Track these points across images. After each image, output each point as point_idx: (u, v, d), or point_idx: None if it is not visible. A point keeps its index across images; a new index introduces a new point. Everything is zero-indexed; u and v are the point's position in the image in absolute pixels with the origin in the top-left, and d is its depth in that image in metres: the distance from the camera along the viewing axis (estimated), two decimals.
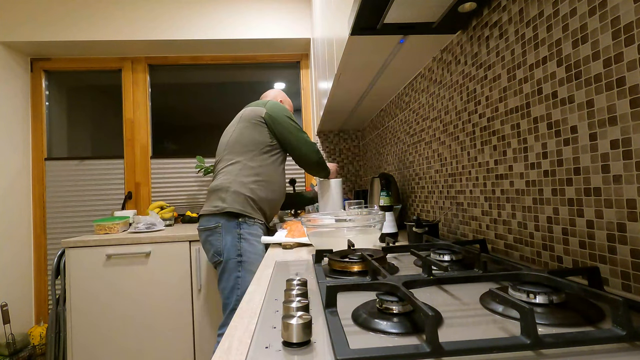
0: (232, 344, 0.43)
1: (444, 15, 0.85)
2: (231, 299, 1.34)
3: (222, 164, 1.48)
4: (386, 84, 1.43)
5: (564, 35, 0.62)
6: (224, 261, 1.35)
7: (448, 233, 1.11)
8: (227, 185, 1.40)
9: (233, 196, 1.38)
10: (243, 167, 1.43)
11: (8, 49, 2.27)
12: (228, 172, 1.44)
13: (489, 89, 0.85)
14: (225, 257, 1.35)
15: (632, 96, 0.50)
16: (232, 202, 1.37)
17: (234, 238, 1.36)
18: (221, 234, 1.37)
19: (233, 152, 1.47)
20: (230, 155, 1.47)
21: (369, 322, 0.44)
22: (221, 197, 1.39)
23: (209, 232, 1.39)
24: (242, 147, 1.45)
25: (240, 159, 1.44)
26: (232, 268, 1.34)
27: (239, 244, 1.35)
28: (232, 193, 1.39)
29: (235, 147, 1.47)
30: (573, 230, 0.62)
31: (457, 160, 1.03)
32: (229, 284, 1.34)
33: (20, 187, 2.30)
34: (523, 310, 0.36)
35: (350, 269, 0.69)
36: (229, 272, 1.35)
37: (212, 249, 1.39)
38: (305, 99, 2.64)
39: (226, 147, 1.50)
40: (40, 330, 2.17)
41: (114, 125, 2.49)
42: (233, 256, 1.34)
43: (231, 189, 1.39)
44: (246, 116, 1.50)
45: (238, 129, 1.50)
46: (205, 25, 2.33)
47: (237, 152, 1.46)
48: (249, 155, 1.45)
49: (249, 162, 1.44)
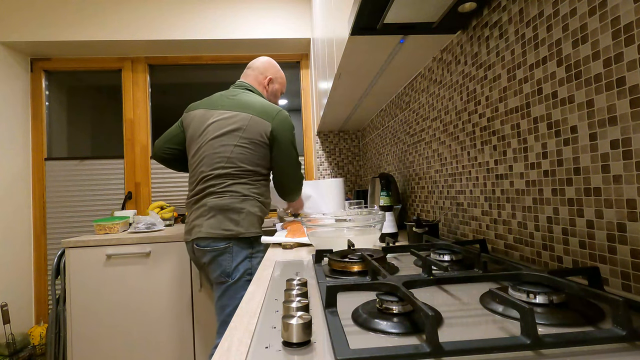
0: (232, 344, 0.43)
1: (444, 15, 0.85)
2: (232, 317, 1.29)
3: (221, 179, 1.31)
4: (386, 84, 1.43)
5: (564, 35, 0.62)
6: (233, 281, 1.28)
7: (448, 233, 1.11)
8: (239, 207, 1.29)
9: (249, 218, 1.30)
10: (250, 187, 1.34)
11: (8, 49, 2.27)
12: (235, 190, 1.31)
13: (489, 89, 0.85)
14: (236, 278, 1.27)
15: (632, 96, 0.50)
16: (249, 226, 1.30)
17: (246, 258, 1.30)
18: (232, 255, 1.28)
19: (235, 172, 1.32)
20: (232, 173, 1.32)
21: (369, 322, 0.44)
22: (233, 219, 1.28)
23: (216, 252, 1.28)
24: (248, 170, 1.33)
25: (244, 180, 1.33)
26: (241, 287, 1.28)
27: (250, 263, 1.30)
28: (247, 215, 1.30)
29: (240, 166, 1.32)
30: (573, 230, 0.62)
31: (457, 160, 1.03)
32: (234, 302, 1.27)
33: (20, 187, 2.30)
34: (523, 310, 0.36)
35: (350, 269, 0.69)
36: (235, 290, 1.27)
37: (218, 270, 1.28)
38: (305, 99, 2.64)
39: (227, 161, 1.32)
40: (40, 330, 2.17)
41: (114, 125, 2.50)
42: (244, 276, 1.28)
43: (245, 210, 1.30)
44: (250, 129, 1.33)
45: (241, 145, 1.32)
46: (205, 25, 2.33)
47: (238, 172, 1.32)
48: (252, 178, 1.35)
49: (252, 182, 1.35)
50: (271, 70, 1.52)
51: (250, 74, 1.51)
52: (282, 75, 1.58)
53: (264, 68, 1.50)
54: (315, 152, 2.51)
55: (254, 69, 1.51)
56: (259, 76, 1.49)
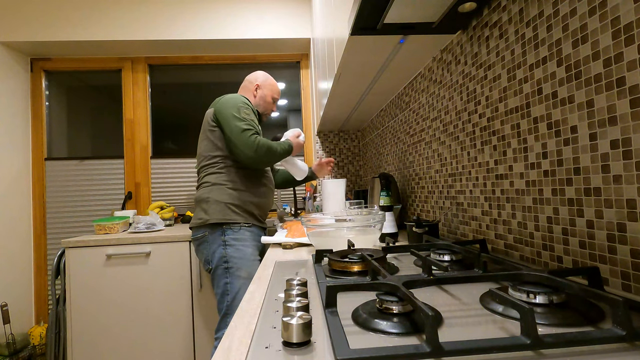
0: (232, 344, 0.43)
1: (444, 15, 0.85)
2: (223, 305, 1.38)
3: (200, 173, 1.51)
4: (386, 84, 1.43)
5: (564, 35, 0.62)
6: (213, 269, 1.40)
7: (448, 233, 1.11)
8: (206, 196, 1.43)
9: (214, 206, 1.41)
10: (218, 176, 1.44)
11: (8, 49, 2.27)
12: (206, 182, 1.46)
13: (489, 89, 0.85)
14: (213, 265, 1.40)
15: (632, 96, 0.50)
16: (214, 213, 1.40)
17: (220, 246, 1.39)
18: (208, 243, 1.41)
19: (205, 162, 1.48)
20: (204, 164, 1.48)
21: (369, 322, 0.44)
22: (203, 208, 1.43)
23: (198, 241, 1.45)
24: (210, 159, 1.47)
25: (213, 170, 1.46)
26: (220, 275, 1.38)
27: (225, 251, 1.38)
28: (213, 203, 1.41)
29: (205, 158, 1.48)
30: (573, 230, 0.62)
31: (457, 160, 1.03)
32: (219, 290, 1.39)
33: (20, 187, 2.30)
34: (523, 310, 0.36)
35: (350, 269, 0.69)
36: (217, 278, 1.39)
37: (202, 258, 1.45)
38: (305, 99, 2.64)
39: (198, 156, 1.52)
40: (40, 330, 2.17)
41: (114, 125, 2.50)
42: (220, 263, 1.38)
43: (211, 199, 1.42)
44: (204, 123, 1.51)
45: (200, 139, 1.51)
46: (205, 25, 2.33)
47: (208, 163, 1.47)
48: (219, 166, 1.45)
49: (221, 170, 1.45)
50: (260, 79, 1.66)
51: (242, 86, 1.68)
52: (271, 82, 1.68)
53: (253, 78, 1.66)
54: (315, 152, 2.51)
55: (246, 80, 1.68)
56: (248, 85, 1.65)
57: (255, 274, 0.80)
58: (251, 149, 1.37)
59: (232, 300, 1.36)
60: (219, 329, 1.41)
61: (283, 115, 2.70)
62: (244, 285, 1.36)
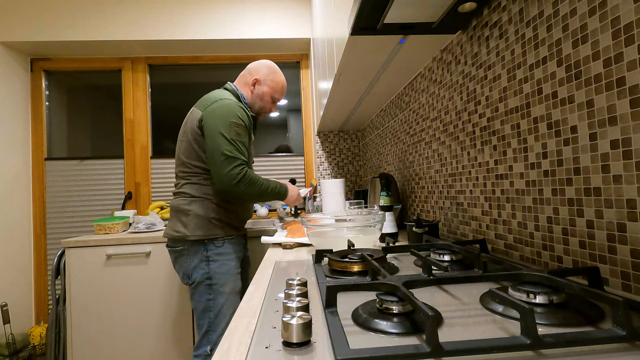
0: (232, 344, 0.43)
1: (444, 15, 0.85)
2: (204, 321, 1.27)
3: (180, 179, 1.34)
4: (386, 84, 1.43)
5: (564, 35, 0.62)
6: (194, 284, 1.28)
7: (448, 233, 1.11)
8: (186, 209, 1.28)
9: (195, 221, 1.26)
10: (200, 187, 1.29)
11: (8, 49, 2.27)
12: (185, 192, 1.30)
13: (489, 89, 0.85)
14: (194, 280, 1.27)
15: (632, 96, 0.50)
16: (195, 229, 1.26)
17: (202, 261, 1.27)
18: (188, 257, 1.28)
19: (185, 169, 1.31)
20: (185, 170, 1.31)
21: (369, 322, 0.44)
22: (182, 221, 1.28)
23: (175, 254, 1.31)
24: (192, 167, 1.30)
25: (194, 180, 1.30)
26: (202, 291, 1.27)
27: (208, 267, 1.27)
28: (194, 217, 1.27)
29: (185, 165, 1.31)
30: (573, 230, 0.62)
31: (457, 160, 1.03)
32: (200, 305, 1.27)
33: (20, 187, 2.30)
34: (523, 310, 0.36)
35: (350, 269, 0.69)
36: (199, 294, 1.27)
37: (181, 271, 1.31)
38: (305, 99, 2.64)
39: (178, 158, 1.34)
40: (40, 330, 2.17)
41: (114, 125, 2.50)
42: (202, 280, 1.26)
43: (192, 213, 1.27)
44: (188, 125, 1.32)
45: (182, 142, 1.33)
46: (205, 25, 2.33)
47: (188, 171, 1.30)
48: (202, 177, 1.30)
49: (203, 181, 1.29)
50: (262, 72, 1.42)
51: (241, 74, 1.46)
52: (276, 80, 1.44)
53: (254, 69, 1.43)
54: (315, 152, 2.51)
55: (247, 69, 1.45)
56: (247, 76, 1.43)
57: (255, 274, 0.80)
58: (231, 180, 1.21)
59: (214, 316, 1.26)
60: (200, 346, 1.27)
61: (283, 115, 2.70)
62: (227, 300, 1.27)
